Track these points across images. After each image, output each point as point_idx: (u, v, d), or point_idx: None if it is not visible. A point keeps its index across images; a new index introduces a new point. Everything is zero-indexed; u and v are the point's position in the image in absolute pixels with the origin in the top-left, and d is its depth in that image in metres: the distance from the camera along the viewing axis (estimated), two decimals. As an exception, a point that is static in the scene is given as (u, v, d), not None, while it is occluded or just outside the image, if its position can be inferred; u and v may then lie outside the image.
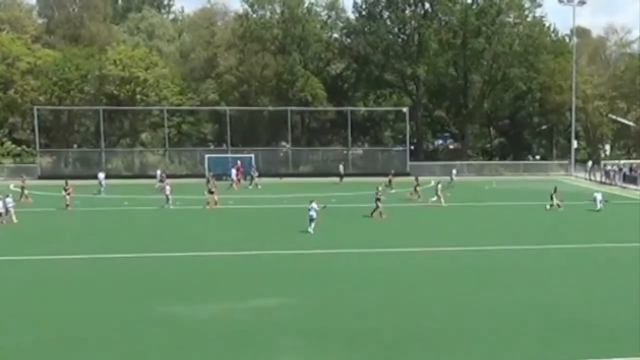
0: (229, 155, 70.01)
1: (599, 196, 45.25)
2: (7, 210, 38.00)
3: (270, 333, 18.40)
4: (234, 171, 60.91)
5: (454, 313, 20.43)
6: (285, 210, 44.05)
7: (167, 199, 44.15)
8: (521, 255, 29.58)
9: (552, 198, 45.06)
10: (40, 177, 64.67)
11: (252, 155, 67.81)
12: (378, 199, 40.40)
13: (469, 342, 17.86)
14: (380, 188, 42.00)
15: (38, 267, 27.18)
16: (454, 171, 65.28)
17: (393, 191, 53.19)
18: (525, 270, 26.60)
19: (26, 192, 48.49)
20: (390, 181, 56.37)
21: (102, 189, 53.66)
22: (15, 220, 37.87)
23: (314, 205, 34.47)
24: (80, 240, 32.94)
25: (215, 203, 44.48)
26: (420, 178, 54.24)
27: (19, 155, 77.30)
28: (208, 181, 48.14)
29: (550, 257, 29.31)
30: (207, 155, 69.65)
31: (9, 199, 38.77)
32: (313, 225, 34.14)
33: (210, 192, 44.96)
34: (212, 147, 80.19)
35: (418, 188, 50.08)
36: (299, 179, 67.56)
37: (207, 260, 28.42)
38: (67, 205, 43.53)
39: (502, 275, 25.77)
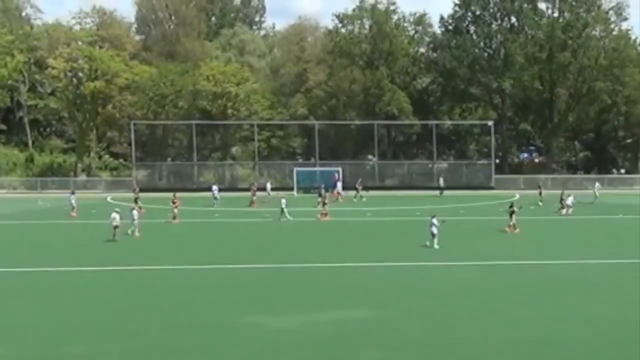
0: (317, 168, 71.49)
1: None
2: (133, 222, 39.41)
3: (354, 345, 18.03)
4: (339, 184, 62.13)
5: (555, 326, 19.55)
6: (396, 223, 44.58)
7: (282, 211, 45.28)
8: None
9: None
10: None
11: (340, 169, 68.77)
12: (512, 213, 39.25)
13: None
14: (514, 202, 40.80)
15: (138, 276, 27.52)
16: (597, 185, 62.57)
17: (541, 204, 53.97)
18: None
19: (140, 203, 50.65)
20: (540, 194, 56.99)
21: (217, 201, 54.65)
22: (129, 233, 38.11)
23: (435, 220, 33.25)
24: (187, 251, 33.57)
25: (327, 215, 45.90)
26: (506, 191, 54.03)
27: (116, 168, 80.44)
28: (320, 194, 49.45)
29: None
30: (295, 169, 71.05)
31: (134, 212, 40.27)
32: (436, 240, 32.99)
33: (323, 204, 46.40)
34: (300, 161, 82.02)
35: (564, 202, 50.08)
36: (385, 192, 68.24)
37: (309, 271, 28.33)
38: (174, 217, 44.48)
39: (619, 289, 25.06)
